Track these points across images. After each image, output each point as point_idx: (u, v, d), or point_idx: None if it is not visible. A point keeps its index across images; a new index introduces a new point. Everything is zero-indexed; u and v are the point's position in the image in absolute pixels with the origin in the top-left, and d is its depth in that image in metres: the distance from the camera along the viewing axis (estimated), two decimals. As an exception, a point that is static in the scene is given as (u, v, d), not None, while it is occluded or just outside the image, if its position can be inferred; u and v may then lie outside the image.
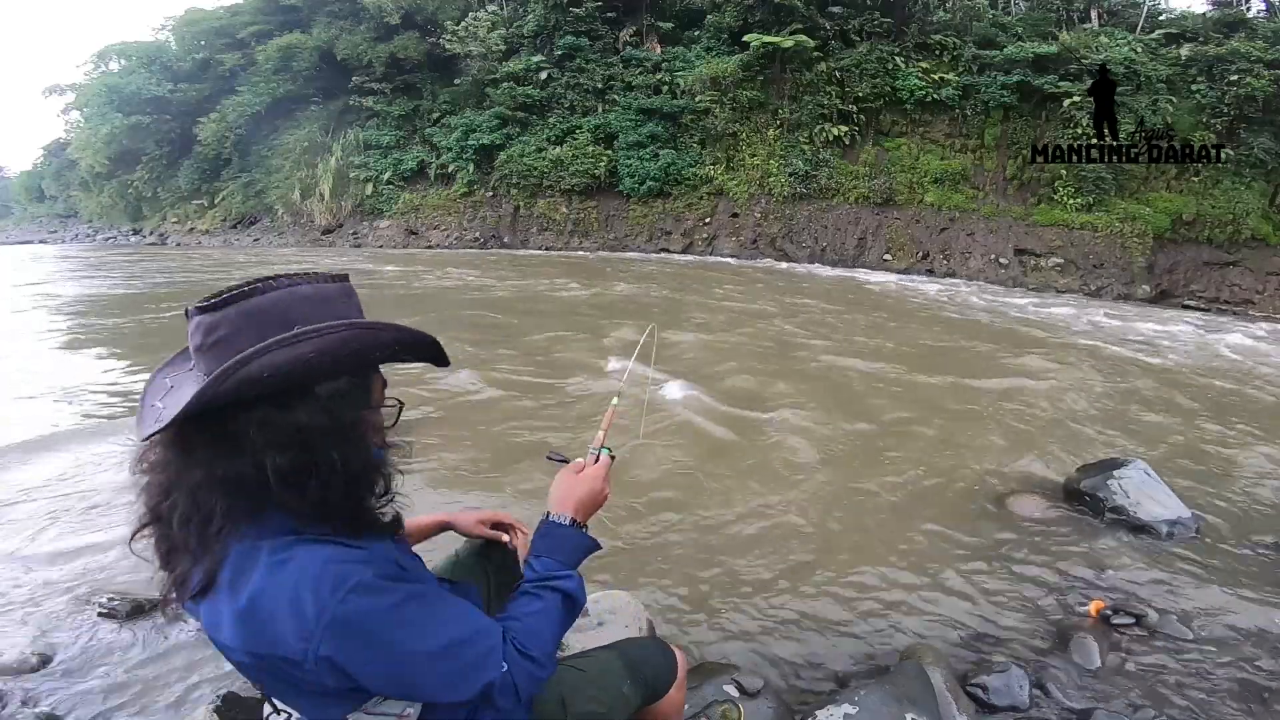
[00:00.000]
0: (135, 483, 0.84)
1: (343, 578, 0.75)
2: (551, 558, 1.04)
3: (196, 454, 0.77)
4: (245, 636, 0.76)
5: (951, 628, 2.29)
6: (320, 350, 0.77)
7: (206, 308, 0.78)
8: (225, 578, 0.77)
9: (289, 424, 0.76)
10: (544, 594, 1.00)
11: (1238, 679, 2.05)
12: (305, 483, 0.77)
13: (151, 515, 0.82)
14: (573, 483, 1.12)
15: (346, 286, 0.86)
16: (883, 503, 3.26)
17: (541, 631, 0.96)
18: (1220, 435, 4.59)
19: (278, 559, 0.76)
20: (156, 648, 2.05)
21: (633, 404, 1.07)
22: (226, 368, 0.73)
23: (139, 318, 8.12)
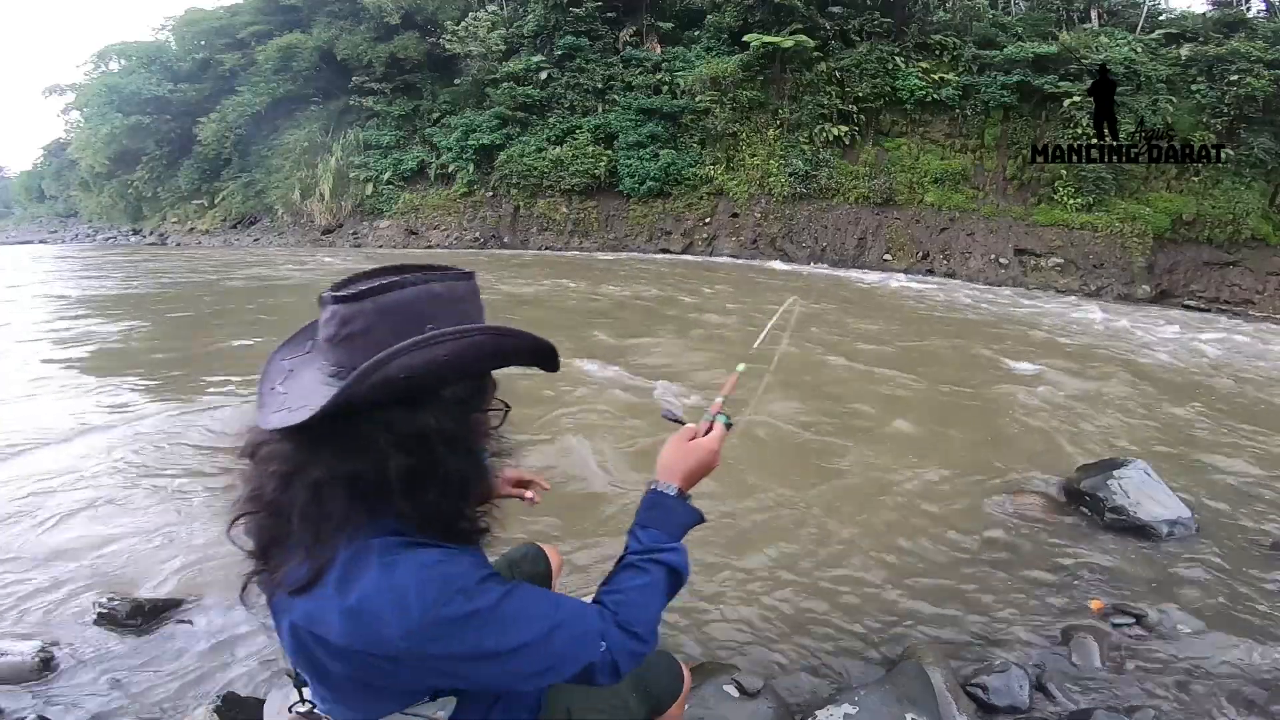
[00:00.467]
0: (247, 469, 0.83)
1: (449, 580, 0.76)
2: (658, 529, 1.01)
3: (322, 450, 0.76)
4: (351, 633, 0.76)
5: (951, 628, 2.29)
6: (453, 354, 0.77)
7: (344, 298, 0.77)
8: (333, 576, 0.77)
9: (415, 426, 0.77)
10: (649, 567, 0.98)
11: (1237, 679, 2.05)
12: (424, 486, 0.78)
13: (263, 505, 0.81)
14: (683, 451, 1.09)
15: (473, 285, 0.86)
16: (883, 503, 3.26)
17: (646, 606, 0.95)
18: (1220, 435, 4.59)
19: (387, 560, 0.76)
20: (156, 648, 2.05)
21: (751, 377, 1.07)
22: (366, 368, 0.73)
23: (140, 318, 8.11)
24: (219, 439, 3.79)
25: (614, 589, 0.96)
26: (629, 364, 5.69)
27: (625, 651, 0.90)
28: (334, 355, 0.78)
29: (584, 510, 3.06)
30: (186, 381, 5.01)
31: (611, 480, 3.38)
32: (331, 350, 0.79)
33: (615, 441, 3.86)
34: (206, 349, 6.24)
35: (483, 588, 0.78)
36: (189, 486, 3.16)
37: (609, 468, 3.52)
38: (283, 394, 0.80)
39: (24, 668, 1.90)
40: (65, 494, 3.07)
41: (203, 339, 6.83)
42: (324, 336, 0.80)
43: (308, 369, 0.82)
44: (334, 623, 0.76)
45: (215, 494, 3.08)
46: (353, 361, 0.75)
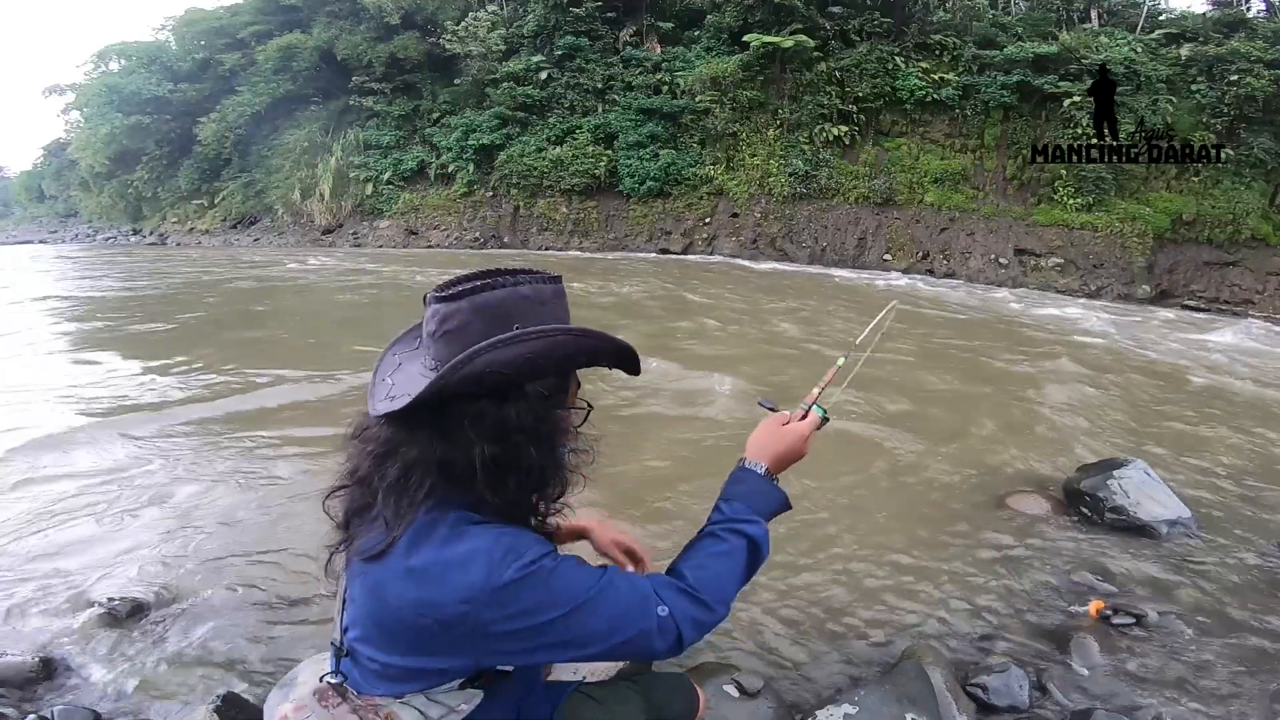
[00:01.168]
0: (351, 447, 0.91)
1: (511, 549, 0.80)
2: (742, 503, 1.02)
3: (417, 434, 0.83)
4: (410, 593, 0.80)
5: (951, 628, 2.29)
6: (535, 352, 0.83)
7: (444, 297, 0.85)
8: (403, 543, 0.82)
9: (500, 418, 0.82)
10: (728, 536, 0.98)
11: (1238, 679, 2.05)
12: (505, 476, 0.83)
13: (356, 480, 0.88)
14: (775, 434, 1.11)
15: (559, 288, 0.91)
16: (882, 502, 3.26)
17: (720, 575, 0.95)
18: (1220, 435, 4.59)
19: (456, 531, 0.81)
20: (156, 648, 2.05)
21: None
22: (456, 362, 0.80)
23: (141, 319, 8.11)
24: (219, 439, 3.80)
25: (687, 555, 0.97)
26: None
27: (689, 618, 0.89)
28: (434, 350, 0.86)
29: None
30: (187, 382, 5.01)
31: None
32: (433, 345, 0.86)
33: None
34: (208, 350, 6.24)
35: (541, 557, 0.82)
36: (191, 486, 3.16)
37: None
38: (390, 384, 0.88)
39: (24, 668, 1.90)
40: (66, 494, 3.07)
41: (204, 340, 6.83)
42: (427, 332, 0.88)
43: (414, 363, 0.90)
44: (395, 584, 0.81)
45: (218, 495, 3.09)
46: (449, 355, 0.82)
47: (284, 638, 2.10)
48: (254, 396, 4.61)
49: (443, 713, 0.88)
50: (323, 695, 0.92)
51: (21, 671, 1.89)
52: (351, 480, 0.89)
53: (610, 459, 3.61)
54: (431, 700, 0.87)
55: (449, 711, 0.89)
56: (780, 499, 1.07)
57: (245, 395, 4.66)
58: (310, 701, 0.92)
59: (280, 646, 2.05)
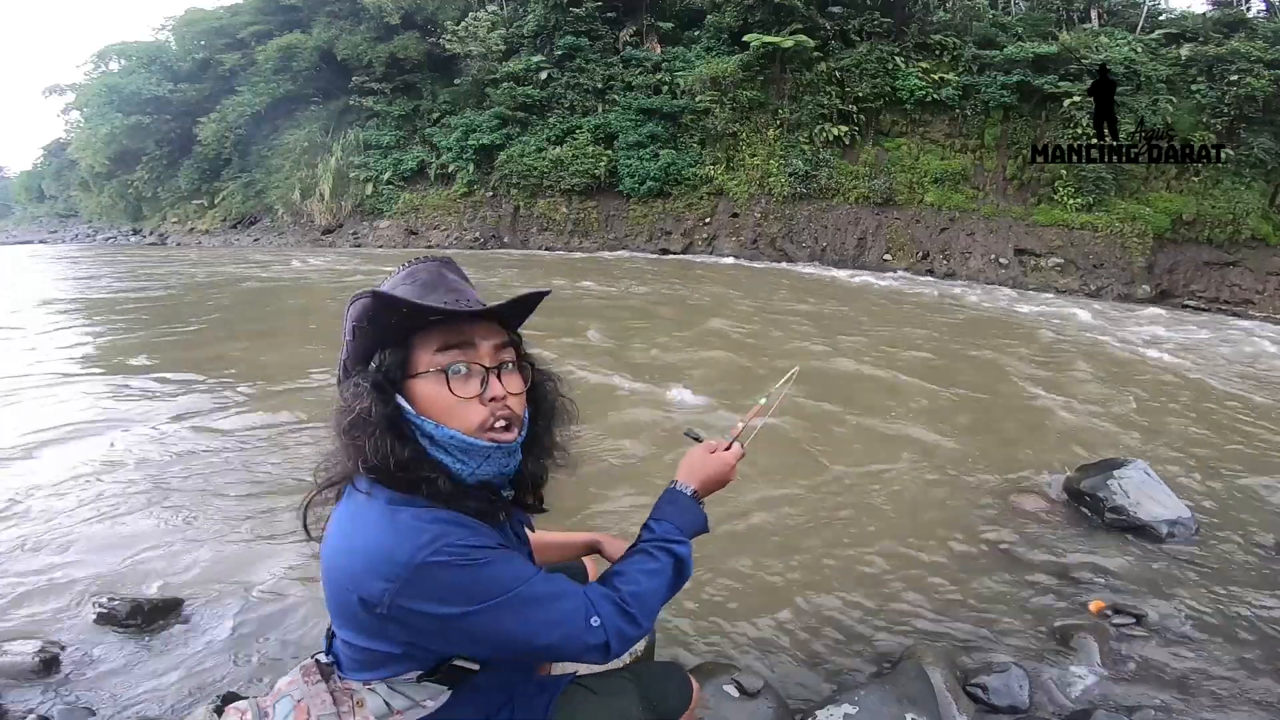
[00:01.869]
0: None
1: (444, 536, 0.81)
2: (671, 523, 1.07)
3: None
4: (339, 568, 0.84)
5: (951, 628, 2.29)
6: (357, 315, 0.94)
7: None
8: (336, 515, 0.88)
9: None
10: (658, 554, 1.03)
11: (1238, 679, 2.05)
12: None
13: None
14: (704, 460, 1.17)
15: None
16: (882, 502, 3.26)
17: (649, 592, 0.98)
18: (1220, 435, 4.59)
19: (392, 508, 0.84)
20: (156, 648, 2.05)
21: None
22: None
23: (142, 320, 8.11)
24: (220, 440, 3.80)
25: (620, 569, 1.01)
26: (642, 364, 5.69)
27: (617, 631, 0.92)
28: None
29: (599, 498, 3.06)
30: (187, 383, 5.00)
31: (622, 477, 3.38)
32: None
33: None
34: (208, 351, 6.24)
35: (475, 547, 0.82)
36: (190, 486, 3.16)
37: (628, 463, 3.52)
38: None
39: (24, 668, 1.90)
40: (66, 494, 3.07)
41: (205, 341, 6.83)
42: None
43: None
44: (328, 557, 0.86)
45: (215, 494, 3.08)
46: None
47: (285, 638, 2.10)
48: (255, 397, 4.61)
49: (407, 705, 0.89)
50: (308, 671, 0.95)
51: (21, 671, 1.89)
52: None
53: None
54: (394, 690, 0.89)
55: (414, 705, 0.89)
56: (702, 520, 1.12)
57: (246, 396, 4.66)
58: (298, 677, 0.95)
59: (280, 646, 2.05)
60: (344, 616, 0.87)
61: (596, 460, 3.58)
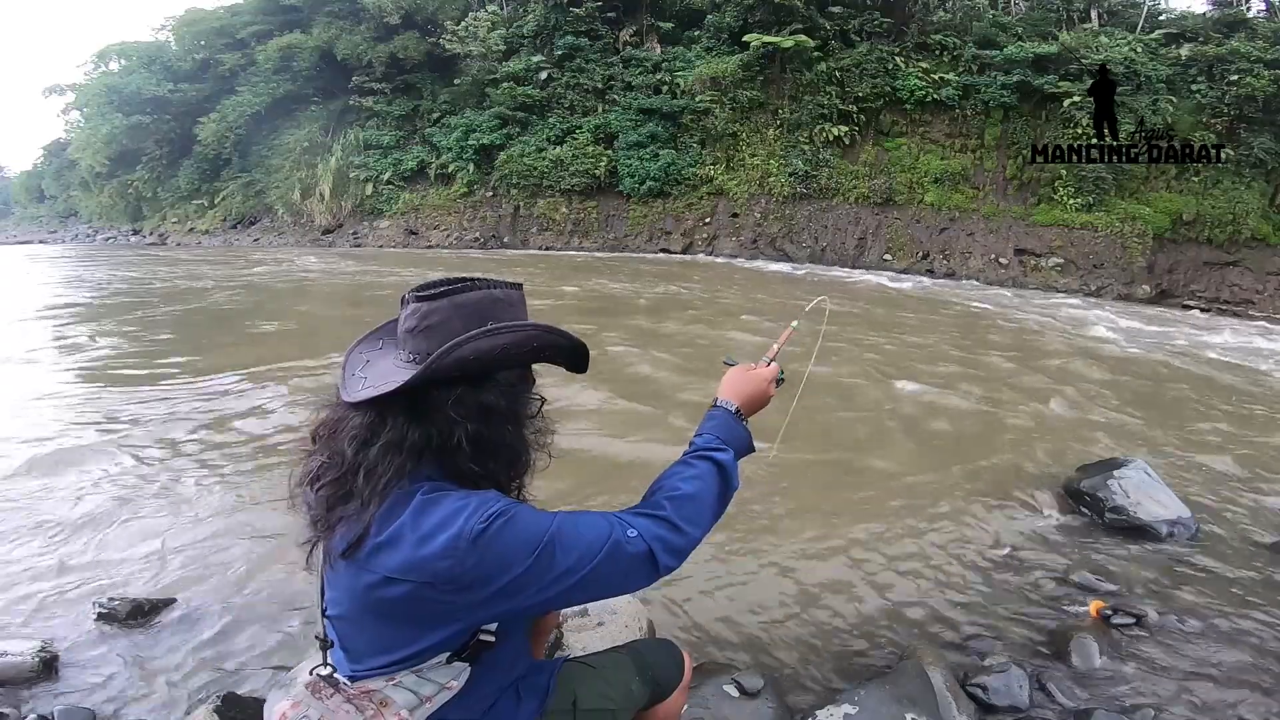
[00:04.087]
0: (318, 446, 0.96)
1: (484, 503, 0.85)
2: (712, 434, 1.08)
3: (395, 418, 0.89)
4: (393, 560, 0.84)
5: (951, 628, 2.29)
6: (510, 343, 0.91)
7: (425, 296, 0.92)
8: (380, 517, 0.86)
9: (479, 401, 0.90)
10: (697, 463, 1.04)
11: (1238, 679, 2.05)
12: (487, 450, 0.91)
13: (339, 469, 0.91)
14: (744, 378, 1.18)
15: (522, 295, 1.00)
16: (882, 502, 3.26)
17: (688, 497, 0.98)
18: (1220, 435, 4.59)
19: (430, 498, 0.86)
20: (156, 648, 2.05)
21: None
22: (448, 347, 0.87)
23: (142, 320, 8.11)
24: (221, 441, 3.80)
25: (657, 484, 1.02)
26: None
27: (658, 539, 0.92)
28: (412, 344, 0.93)
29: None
30: (187, 383, 5.00)
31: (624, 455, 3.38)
32: (410, 339, 0.93)
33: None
34: (208, 352, 6.24)
35: (507, 506, 0.87)
36: (190, 487, 3.16)
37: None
38: (363, 378, 0.94)
39: (24, 668, 1.90)
40: (66, 494, 3.07)
41: (206, 342, 6.83)
42: (405, 329, 0.94)
43: (384, 359, 0.97)
44: (380, 558, 0.85)
45: (215, 494, 3.08)
46: (429, 348, 0.89)
47: (284, 638, 2.10)
48: (257, 399, 4.61)
49: (435, 690, 0.90)
50: (315, 688, 0.92)
51: (22, 671, 1.89)
52: (332, 472, 0.91)
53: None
54: (423, 678, 0.89)
55: (441, 689, 0.90)
56: (747, 439, 1.12)
57: (248, 398, 4.66)
58: (305, 696, 0.92)
59: (280, 647, 2.05)
60: (387, 616, 0.87)
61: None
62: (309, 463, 0.95)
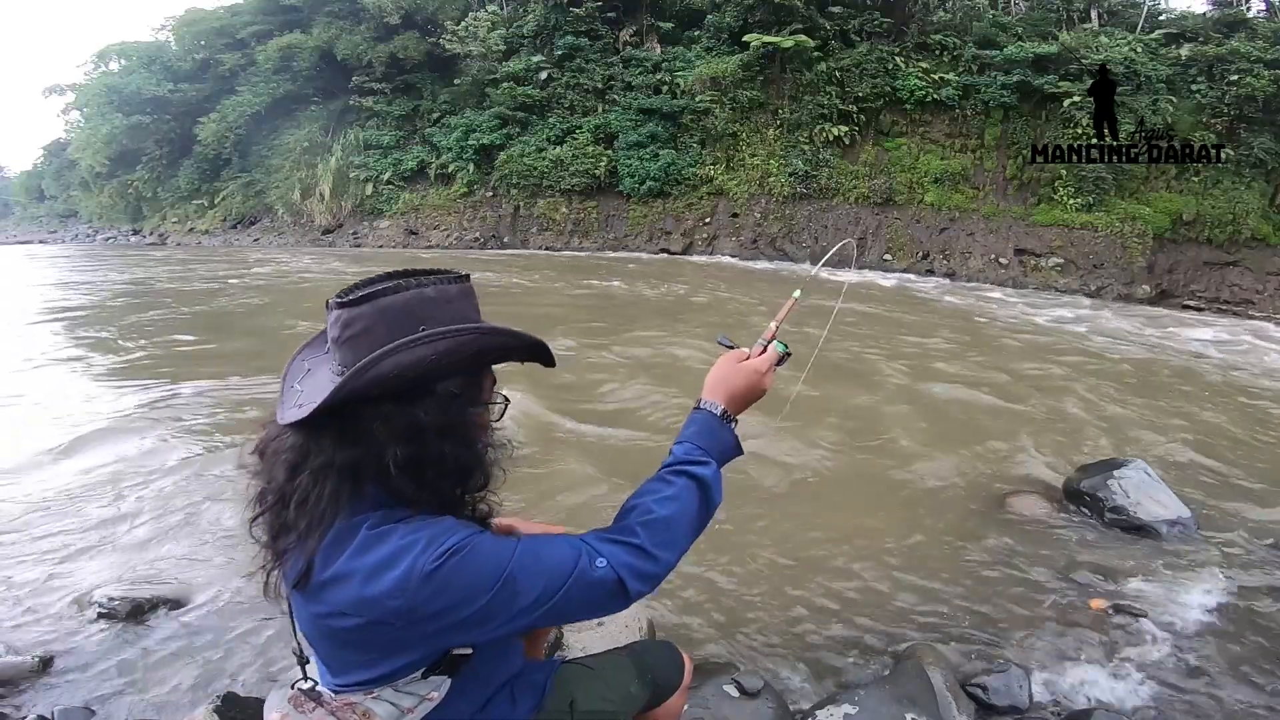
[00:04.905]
0: (259, 464, 0.89)
1: (436, 539, 0.79)
2: (692, 443, 0.99)
3: (323, 440, 0.82)
4: (339, 598, 0.80)
5: (951, 628, 2.29)
6: (442, 352, 0.82)
7: (346, 303, 0.83)
8: (323, 556, 0.81)
9: (408, 419, 0.82)
10: (674, 479, 0.95)
11: (1237, 679, 2.05)
12: (423, 472, 0.83)
13: (275, 496, 0.85)
14: (731, 371, 1.06)
15: (466, 287, 0.90)
16: (883, 503, 3.26)
17: (663, 519, 0.90)
18: (1220, 435, 4.59)
19: (377, 533, 0.80)
20: (156, 648, 2.05)
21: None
22: (360, 366, 0.79)
23: (142, 321, 8.11)
24: (220, 440, 3.80)
25: (631, 503, 0.94)
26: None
27: (628, 567, 0.86)
28: (339, 355, 0.84)
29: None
30: (187, 384, 5.00)
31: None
32: (338, 350, 0.85)
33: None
34: (208, 352, 6.24)
35: (464, 539, 0.80)
36: (190, 487, 3.16)
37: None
38: (299, 391, 0.87)
39: (24, 667, 1.90)
40: (66, 494, 3.07)
41: (206, 343, 6.83)
42: (330, 338, 0.86)
43: (323, 368, 0.89)
44: (330, 594, 0.81)
45: (216, 494, 3.08)
46: (354, 360, 0.81)
47: (284, 637, 2.10)
48: (259, 401, 4.61)
49: (415, 702, 0.88)
50: (298, 702, 0.91)
51: (22, 671, 1.89)
52: (270, 498, 0.86)
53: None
54: (401, 691, 0.87)
55: (421, 700, 0.88)
56: (733, 443, 1.02)
57: (250, 399, 4.66)
58: (289, 709, 0.92)
59: (280, 646, 2.05)
60: (349, 646, 0.85)
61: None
62: (254, 482, 0.89)
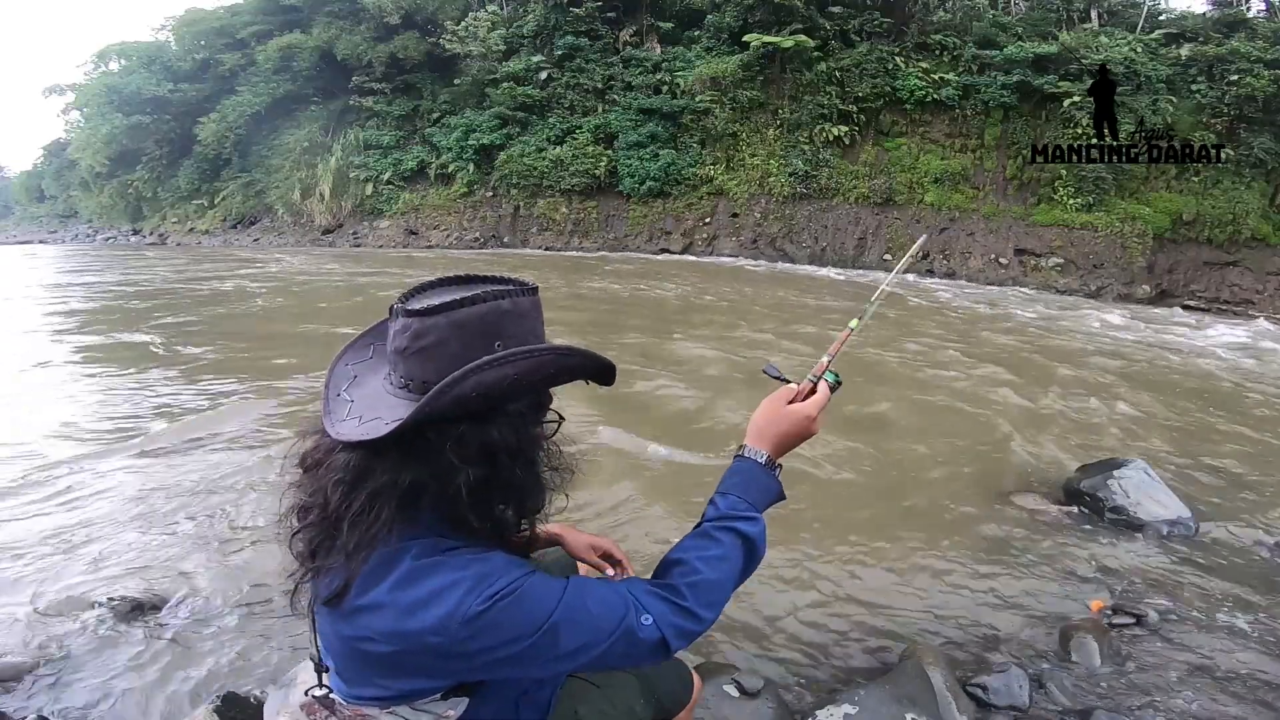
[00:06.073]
0: (302, 477, 0.85)
1: (485, 579, 0.76)
2: (738, 496, 0.96)
3: (387, 460, 0.78)
4: (379, 625, 0.77)
5: (951, 628, 2.29)
6: (523, 372, 0.78)
7: (417, 312, 0.78)
8: (365, 579, 0.78)
9: (484, 440, 0.78)
10: (721, 535, 0.92)
11: (1238, 679, 2.05)
12: (491, 498, 0.80)
13: (321, 512, 0.81)
14: (778, 415, 1.03)
15: (537, 300, 0.86)
16: (882, 502, 3.26)
17: (711, 581, 0.89)
18: (1220, 435, 4.59)
19: (423, 565, 0.77)
20: (156, 648, 2.05)
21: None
22: (444, 385, 0.75)
23: (143, 322, 8.11)
24: (221, 441, 3.80)
25: (678, 557, 0.91)
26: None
27: (673, 626, 0.85)
28: (404, 367, 0.80)
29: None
30: (188, 384, 5.00)
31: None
32: (402, 362, 0.80)
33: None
34: (211, 353, 6.24)
35: (512, 581, 0.78)
36: (192, 487, 3.16)
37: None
38: (349, 401, 0.83)
39: (24, 668, 1.90)
40: (67, 494, 3.07)
41: (208, 344, 6.83)
42: (395, 348, 0.81)
43: (373, 376, 0.85)
44: (363, 619, 0.78)
45: (216, 495, 3.08)
46: (424, 375, 0.77)
47: (284, 638, 2.10)
48: (261, 401, 4.61)
49: (431, 719, 0.87)
50: (310, 709, 0.90)
51: (21, 671, 1.89)
52: (314, 514, 0.83)
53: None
54: (417, 710, 0.86)
55: (437, 718, 0.87)
56: (777, 490, 1.01)
57: (251, 400, 4.66)
58: (300, 715, 0.91)
59: (280, 647, 2.05)
60: (371, 668, 0.82)
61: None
62: (296, 494, 0.87)
